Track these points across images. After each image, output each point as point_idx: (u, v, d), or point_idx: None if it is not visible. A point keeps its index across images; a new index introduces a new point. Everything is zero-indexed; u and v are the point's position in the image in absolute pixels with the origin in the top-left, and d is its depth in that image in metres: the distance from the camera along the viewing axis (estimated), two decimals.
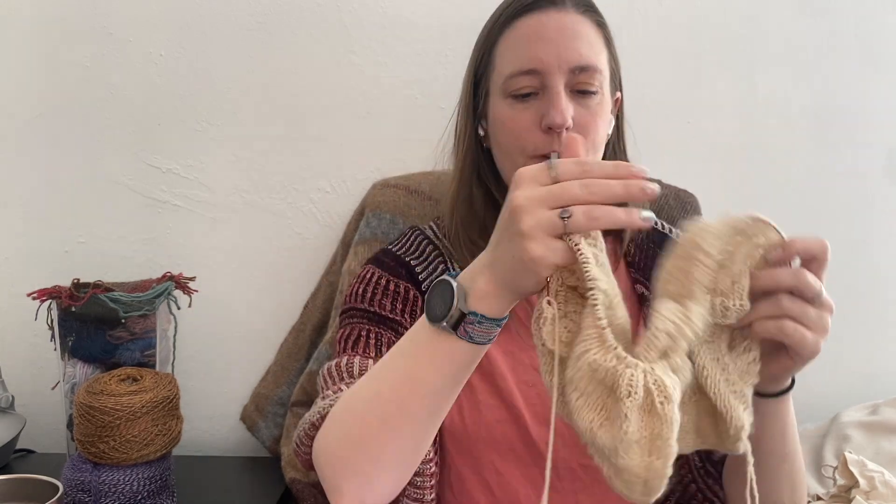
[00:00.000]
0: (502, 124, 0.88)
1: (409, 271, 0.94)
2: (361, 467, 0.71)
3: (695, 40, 1.32)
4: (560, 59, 0.84)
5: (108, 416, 1.01)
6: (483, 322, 0.65)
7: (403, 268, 0.95)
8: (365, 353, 0.87)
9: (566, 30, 0.85)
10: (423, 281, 0.94)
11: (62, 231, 1.34)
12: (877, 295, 1.39)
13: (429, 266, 0.95)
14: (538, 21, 0.85)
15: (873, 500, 0.95)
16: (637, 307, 0.93)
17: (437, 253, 0.96)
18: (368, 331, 0.89)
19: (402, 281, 0.93)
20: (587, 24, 0.87)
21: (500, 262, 0.63)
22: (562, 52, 0.84)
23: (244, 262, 1.34)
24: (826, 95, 1.34)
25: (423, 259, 0.96)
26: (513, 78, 0.86)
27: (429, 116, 1.31)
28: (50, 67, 1.31)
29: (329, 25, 1.29)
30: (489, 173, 0.94)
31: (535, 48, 0.85)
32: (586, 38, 0.86)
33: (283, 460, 1.20)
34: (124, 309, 1.15)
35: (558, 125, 0.82)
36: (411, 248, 0.98)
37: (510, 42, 0.88)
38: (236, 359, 1.36)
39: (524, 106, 0.86)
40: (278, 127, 1.31)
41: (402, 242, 1.00)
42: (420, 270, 0.95)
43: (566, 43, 0.84)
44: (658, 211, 1.26)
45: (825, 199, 1.37)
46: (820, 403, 1.39)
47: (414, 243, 0.99)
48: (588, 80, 0.84)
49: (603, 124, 0.87)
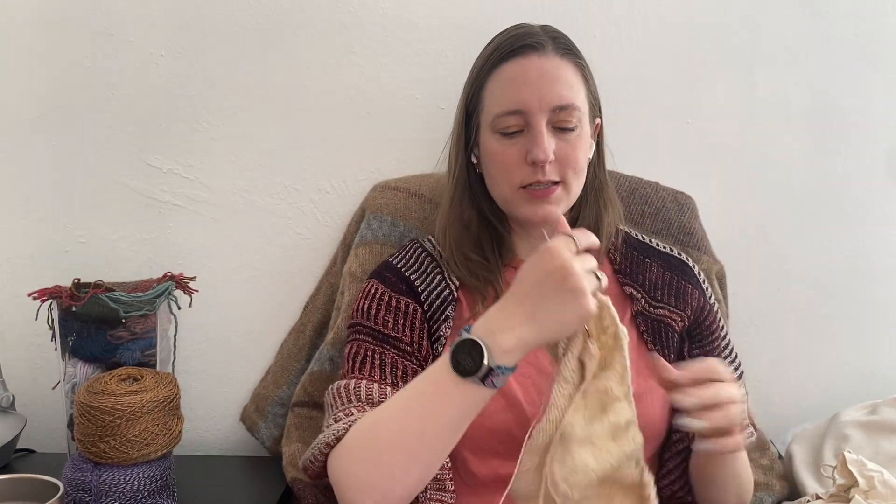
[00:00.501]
0: (493, 158, 0.99)
1: (409, 285, 1.03)
2: (383, 484, 0.83)
3: (695, 40, 1.32)
4: (542, 100, 0.95)
5: (108, 416, 1.01)
6: (507, 372, 0.78)
7: (404, 283, 1.03)
8: (371, 376, 0.96)
9: (547, 74, 0.96)
10: (421, 293, 1.02)
11: (63, 231, 1.34)
12: (876, 295, 1.39)
13: (427, 278, 1.04)
14: (521, 66, 0.96)
15: (872, 500, 0.95)
16: (627, 304, 1.04)
17: (434, 265, 1.05)
18: (373, 351, 0.98)
19: (403, 296, 1.02)
20: (566, 66, 0.97)
21: (547, 317, 0.77)
22: (543, 95, 0.95)
23: (245, 262, 1.34)
24: (826, 95, 1.34)
25: (423, 273, 1.04)
26: (500, 117, 0.97)
27: (429, 116, 1.31)
28: (50, 67, 1.31)
29: (329, 25, 1.29)
30: (481, 195, 1.04)
31: (519, 91, 0.96)
32: (566, 81, 0.96)
33: (285, 460, 1.21)
34: (125, 309, 1.15)
35: (541, 161, 0.94)
36: (411, 261, 1.07)
37: (497, 84, 0.98)
38: (236, 359, 1.36)
39: (511, 142, 0.97)
40: (278, 127, 1.32)
41: (402, 255, 1.08)
42: (419, 283, 1.03)
43: (547, 86, 0.95)
44: (656, 213, 1.26)
45: (825, 200, 1.37)
46: (819, 403, 1.39)
47: (413, 255, 1.08)
48: (567, 117, 0.96)
49: (583, 154, 0.99)
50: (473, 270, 1.02)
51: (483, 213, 1.04)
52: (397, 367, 0.97)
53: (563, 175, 0.97)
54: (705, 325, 1.06)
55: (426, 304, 1.02)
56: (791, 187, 1.36)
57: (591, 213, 1.05)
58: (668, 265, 1.08)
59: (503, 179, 0.99)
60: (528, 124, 0.96)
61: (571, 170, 0.97)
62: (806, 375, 1.41)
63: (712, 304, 1.09)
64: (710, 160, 1.35)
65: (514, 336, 0.77)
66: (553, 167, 0.96)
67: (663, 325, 1.03)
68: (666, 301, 1.04)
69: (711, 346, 1.05)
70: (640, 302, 1.03)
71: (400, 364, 0.97)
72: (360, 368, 0.97)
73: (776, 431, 1.36)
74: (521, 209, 0.99)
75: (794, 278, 1.38)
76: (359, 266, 1.23)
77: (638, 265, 1.07)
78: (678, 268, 1.08)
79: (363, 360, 0.98)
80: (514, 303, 0.79)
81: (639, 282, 1.05)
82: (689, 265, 1.10)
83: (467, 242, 1.03)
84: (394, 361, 0.97)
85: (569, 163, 0.97)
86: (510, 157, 0.97)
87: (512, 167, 0.97)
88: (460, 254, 1.03)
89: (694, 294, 1.06)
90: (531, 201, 0.97)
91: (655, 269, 1.07)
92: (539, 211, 0.98)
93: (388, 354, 0.98)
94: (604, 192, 1.05)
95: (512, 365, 0.78)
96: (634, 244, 1.10)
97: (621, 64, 1.30)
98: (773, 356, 1.39)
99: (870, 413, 1.24)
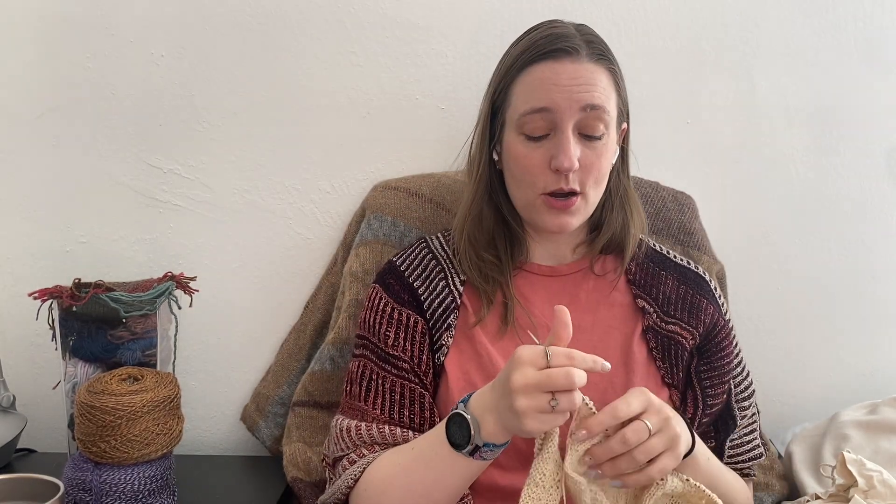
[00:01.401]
0: (516, 160, 0.97)
1: (412, 293, 1.03)
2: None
3: (694, 40, 1.32)
4: (571, 101, 0.93)
5: (109, 416, 1.01)
6: (494, 449, 0.83)
7: (406, 291, 1.03)
8: (374, 409, 0.99)
9: (580, 79, 0.94)
10: (424, 301, 1.02)
11: (63, 231, 1.34)
12: (876, 295, 1.39)
13: (430, 284, 1.04)
14: (553, 70, 0.94)
15: (872, 500, 0.95)
16: (639, 318, 1.03)
17: (439, 269, 1.05)
18: (377, 374, 1.01)
19: (405, 308, 1.02)
20: (600, 71, 0.95)
21: (501, 418, 0.80)
22: (573, 96, 0.93)
23: (245, 262, 1.34)
24: (826, 95, 1.34)
25: (426, 278, 1.04)
26: (527, 115, 0.95)
27: (429, 116, 1.31)
28: (51, 67, 1.31)
29: (329, 26, 1.29)
30: (500, 193, 1.03)
31: (549, 92, 0.93)
32: (599, 86, 0.94)
33: (286, 459, 1.21)
34: (125, 309, 1.15)
35: (566, 169, 0.93)
36: (415, 263, 1.07)
37: (527, 83, 0.96)
38: (237, 358, 1.36)
39: (537, 145, 0.95)
40: (279, 127, 1.32)
41: (407, 256, 1.08)
42: (422, 291, 1.03)
43: (579, 91, 0.93)
44: (656, 213, 1.26)
45: (825, 200, 1.37)
46: (819, 403, 1.40)
47: (418, 257, 1.07)
48: (595, 122, 0.94)
49: (606, 163, 0.98)
50: (484, 271, 1.01)
51: (500, 210, 1.03)
52: (395, 392, 0.99)
53: (584, 184, 0.95)
54: (716, 342, 1.03)
55: (429, 312, 1.01)
56: (791, 187, 1.36)
57: (617, 220, 1.04)
58: (684, 278, 1.06)
59: (525, 184, 0.97)
60: (556, 127, 0.94)
61: (593, 179, 0.96)
62: (806, 375, 1.41)
63: (727, 321, 1.07)
64: (710, 160, 1.35)
65: (494, 420, 0.81)
66: (575, 175, 0.95)
67: (673, 342, 1.01)
68: (679, 316, 1.03)
69: (720, 363, 1.03)
70: (652, 316, 1.02)
71: (398, 387, 0.99)
72: (364, 397, 1.00)
73: (776, 431, 1.36)
74: (539, 217, 0.98)
75: (794, 278, 1.38)
76: (359, 266, 1.23)
77: (653, 277, 1.05)
78: (694, 281, 1.06)
79: (367, 386, 1.00)
80: (496, 388, 0.82)
81: (652, 295, 1.04)
82: (705, 279, 1.08)
83: (482, 240, 1.02)
84: (393, 385, 0.99)
85: (591, 172, 0.95)
86: (534, 161, 0.95)
87: (535, 172, 0.95)
88: (474, 252, 1.02)
89: (708, 310, 1.04)
90: (550, 211, 0.96)
91: (670, 283, 1.05)
92: (556, 221, 0.97)
93: (389, 378, 1.00)
94: (629, 200, 1.04)
95: (502, 442, 0.82)
96: (652, 255, 1.09)
97: (621, 64, 1.30)
98: (773, 356, 1.40)
99: (869, 413, 1.24)
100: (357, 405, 1.01)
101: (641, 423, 0.80)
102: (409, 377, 0.99)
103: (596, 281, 1.05)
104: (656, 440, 0.80)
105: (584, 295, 1.04)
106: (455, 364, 0.99)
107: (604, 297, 1.04)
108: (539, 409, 0.76)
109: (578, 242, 1.06)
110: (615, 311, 1.03)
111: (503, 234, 1.03)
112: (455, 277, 1.04)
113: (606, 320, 1.02)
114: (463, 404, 0.84)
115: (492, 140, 1.01)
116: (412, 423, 0.98)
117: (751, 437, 1.07)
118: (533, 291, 1.03)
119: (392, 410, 0.99)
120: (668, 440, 0.81)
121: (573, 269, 1.05)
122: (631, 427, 0.80)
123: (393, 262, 1.08)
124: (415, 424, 0.98)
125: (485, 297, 1.01)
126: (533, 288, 1.04)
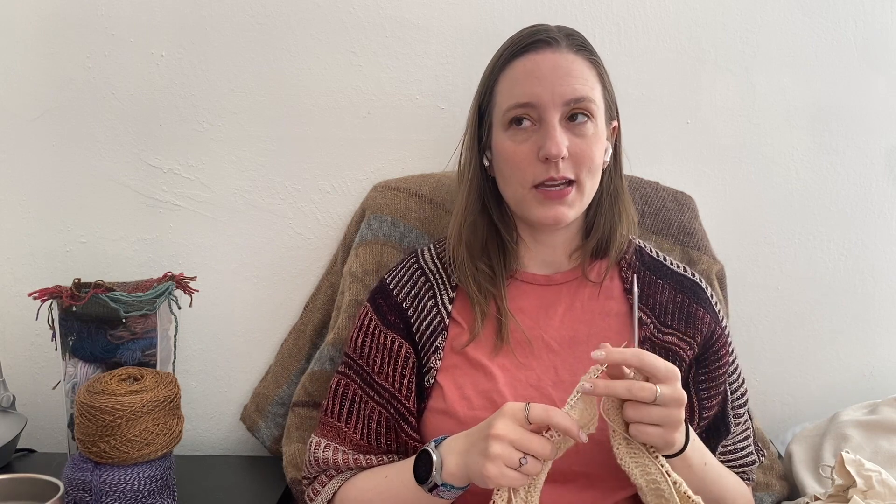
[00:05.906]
0: (504, 156, 0.96)
1: (401, 315, 1.03)
2: None
3: (694, 40, 1.32)
4: (554, 94, 0.93)
5: (108, 416, 1.01)
6: (451, 490, 0.86)
7: (394, 312, 1.03)
8: (353, 429, 1.01)
9: (560, 68, 0.93)
10: (413, 324, 1.02)
11: (63, 231, 1.34)
12: (876, 295, 1.39)
13: (419, 305, 1.03)
14: (534, 61, 0.94)
15: (871, 500, 0.95)
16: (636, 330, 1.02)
17: (428, 286, 1.04)
18: (360, 397, 1.02)
19: (391, 332, 1.02)
20: (580, 62, 0.95)
21: (468, 460, 0.83)
22: (556, 88, 0.93)
23: (245, 262, 1.35)
24: (826, 95, 1.34)
25: (415, 298, 1.03)
26: (511, 110, 0.95)
27: (429, 116, 1.31)
28: (51, 68, 1.31)
29: (329, 26, 1.29)
30: (492, 200, 1.02)
31: (531, 85, 0.93)
32: (580, 75, 0.94)
33: (285, 460, 1.21)
34: (125, 308, 1.15)
35: (554, 155, 0.92)
36: (405, 280, 1.06)
37: (509, 79, 0.96)
38: (237, 359, 1.36)
39: (523, 139, 0.95)
40: (279, 127, 1.32)
41: (398, 274, 1.07)
42: (411, 314, 1.02)
43: (560, 80, 0.93)
44: (656, 213, 1.26)
45: (824, 200, 1.37)
46: (819, 403, 1.40)
47: (408, 274, 1.06)
48: (581, 109, 0.94)
49: (598, 151, 0.96)
50: (478, 281, 1.00)
51: (492, 219, 1.02)
52: (373, 420, 1.00)
53: (578, 173, 0.94)
54: (713, 351, 1.02)
55: (417, 334, 1.01)
56: (791, 187, 1.36)
57: (605, 222, 1.02)
58: (681, 287, 1.04)
59: (515, 178, 0.96)
60: (541, 119, 0.93)
61: (586, 168, 0.94)
62: (806, 375, 1.41)
63: (724, 328, 1.05)
64: (710, 160, 1.35)
65: (457, 463, 0.84)
66: (567, 164, 0.93)
67: (671, 354, 0.98)
68: (676, 327, 1.01)
69: (717, 371, 1.01)
70: (649, 328, 1.00)
71: (376, 414, 1.00)
72: (345, 419, 1.02)
73: (776, 431, 1.36)
74: (533, 210, 0.96)
75: (794, 278, 1.38)
76: (359, 266, 1.23)
77: (650, 287, 1.03)
78: (690, 289, 1.04)
79: (350, 408, 1.02)
80: (472, 434, 0.85)
81: (649, 305, 1.02)
82: (701, 286, 1.06)
83: (476, 250, 1.01)
84: (373, 412, 1.01)
85: (583, 160, 0.93)
86: (522, 154, 0.94)
87: (524, 165, 0.94)
88: (469, 262, 1.01)
89: (705, 319, 1.02)
90: (544, 202, 0.95)
91: (667, 292, 1.03)
92: (551, 212, 0.95)
93: (370, 404, 1.01)
94: (619, 200, 1.02)
95: (459, 485, 0.85)
96: (648, 262, 1.06)
97: (621, 64, 1.30)
98: (773, 356, 1.40)
99: (869, 413, 1.24)
100: (336, 425, 1.02)
101: (653, 386, 0.81)
102: (391, 405, 0.99)
103: (591, 289, 1.03)
104: (657, 411, 0.81)
105: (580, 305, 1.02)
106: (449, 379, 0.98)
107: (599, 307, 1.02)
108: (508, 461, 0.79)
109: (574, 248, 1.04)
110: (611, 322, 1.01)
111: (495, 244, 1.02)
112: (444, 295, 1.02)
113: (602, 332, 1.00)
114: (435, 444, 0.88)
115: (480, 144, 1.01)
116: (388, 448, 1.00)
117: (745, 444, 1.06)
118: (527, 301, 1.02)
119: (370, 437, 1.00)
120: (666, 418, 0.82)
121: (568, 278, 1.04)
122: (641, 383, 0.81)
123: (384, 281, 1.07)
124: (391, 449, 1.00)
125: (478, 309, 0.99)
126: (528, 298, 1.02)
